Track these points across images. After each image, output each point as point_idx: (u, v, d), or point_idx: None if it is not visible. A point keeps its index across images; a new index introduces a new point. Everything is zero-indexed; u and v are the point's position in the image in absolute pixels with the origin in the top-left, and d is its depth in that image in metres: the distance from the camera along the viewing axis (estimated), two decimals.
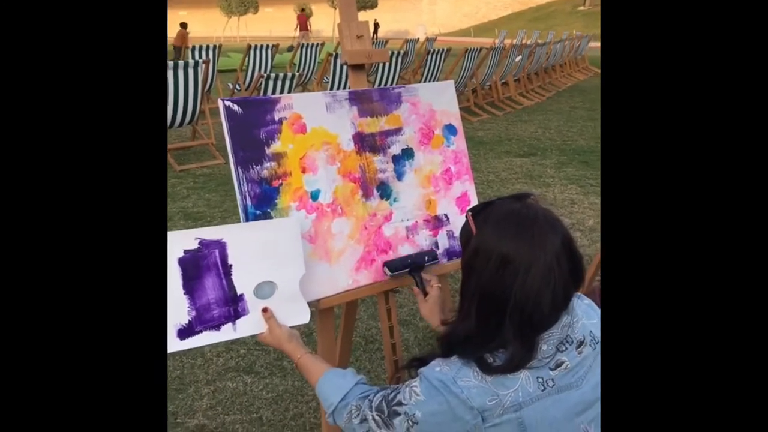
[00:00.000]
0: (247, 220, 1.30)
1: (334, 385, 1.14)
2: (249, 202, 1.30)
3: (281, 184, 1.34)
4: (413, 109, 1.56)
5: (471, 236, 1.00)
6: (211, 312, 1.20)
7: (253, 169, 1.31)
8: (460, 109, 1.69)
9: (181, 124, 5.63)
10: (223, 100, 1.30)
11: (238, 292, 1.23)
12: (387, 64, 6.87)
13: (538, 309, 0.93)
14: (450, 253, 1.58)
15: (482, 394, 0.93)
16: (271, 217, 1.32)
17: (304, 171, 1.37)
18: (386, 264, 1.44)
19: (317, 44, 9.21)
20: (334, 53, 6.94)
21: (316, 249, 1.36)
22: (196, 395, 2.29)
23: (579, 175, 5.31)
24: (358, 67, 1.51)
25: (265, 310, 1.25)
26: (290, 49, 15.63)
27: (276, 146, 1.34)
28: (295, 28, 21.18)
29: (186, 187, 4.94)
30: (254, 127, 1.32)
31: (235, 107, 1.31)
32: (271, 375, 2.41)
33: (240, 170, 1.30)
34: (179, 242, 1.18)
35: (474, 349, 0.96)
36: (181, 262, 1.18)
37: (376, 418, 1.02)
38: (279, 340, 1.24)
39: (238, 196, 1.29)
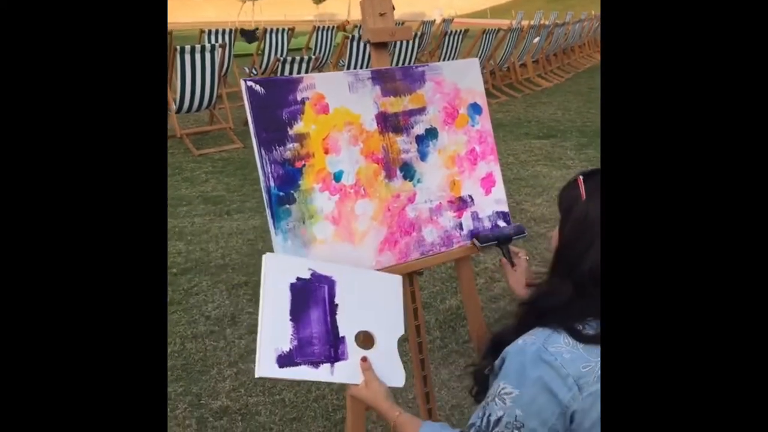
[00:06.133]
0: (270, 201, 1.28)
1: None
2: (272, 183, 1.29)
3: (304, 165, 1.33)
4: (437, 88, 1.53)
5: (578, 202, 0.95)
6: (313, 347, 1.14)
7: (276, 150, 1.30)
8: None
9: (198, 109, 5.64)
10: (245, 80, 1.29)
11: (341, 334, 1.17)
12: (404, 45, 6.80)
13: None
14: (474, 235, 1.56)
15: (576, 360, 0.89)
16: (294, 198, 1.30)
17: (326, 152, 1.35)
18: (475, 236, 1.51)
19: (333, 27, 9.14)
20: (350, 35, 6.87)
21: (339, 230, 1.35)
22: (219, 377, 2.31)
23: (600, 157, 5.24)
24: (380, 46, 1.48)
25: (364, 359, 1.16)
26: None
27: (299, 127, 1.33)
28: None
29: (205, 172, 4.97)
30: (277, 107, 1.31)
31: (258, 88, 1.29)
32: None
33: (263, 151, 1.28)
34: (293, 269, 1.15)
35: (566, 318, 0.92)
36: (293, 288, 1.14)
37: None
38: (376, 396, 1.14)
39: (262, 177, 1.28)
